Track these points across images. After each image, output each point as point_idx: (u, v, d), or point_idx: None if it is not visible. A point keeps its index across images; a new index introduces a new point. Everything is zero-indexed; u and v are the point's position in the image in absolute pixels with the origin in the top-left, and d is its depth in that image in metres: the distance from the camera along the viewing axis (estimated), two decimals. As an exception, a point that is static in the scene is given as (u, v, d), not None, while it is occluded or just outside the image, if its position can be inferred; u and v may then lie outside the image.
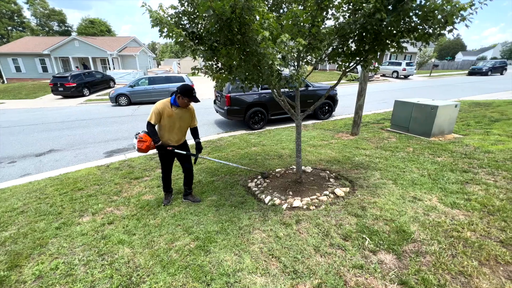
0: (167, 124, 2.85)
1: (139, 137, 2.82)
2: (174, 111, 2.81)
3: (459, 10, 2.09)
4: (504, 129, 5.56)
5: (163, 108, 2.78)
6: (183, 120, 2.92)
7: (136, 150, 2.84)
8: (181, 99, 2.73)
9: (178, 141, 3.02)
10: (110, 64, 23.34)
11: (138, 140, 2.80)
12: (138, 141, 2.79)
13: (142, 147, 2.80)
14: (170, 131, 2.92)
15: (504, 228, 2.35)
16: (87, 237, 2.59)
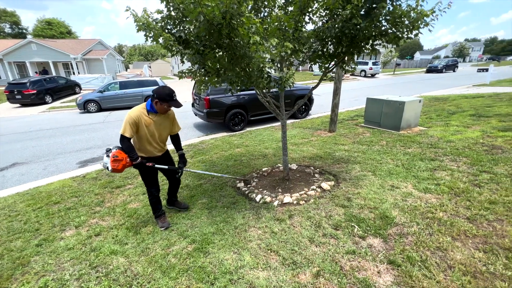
0: (146, 135, 2.45)
1: (113, 155, 2.30)
2: (152, 118, 2.42)
3: (423, 16, 2.36)
4: (460, 121, 6.24)
5: (138, 116, 2.35)
6: (163, 128, 2.55)
7: (110, 171, 2.32)
8: (159, 104, 2.36)
9: (161, 151, 2.69)
10: (74, 68, 21.82)
11: (113, 159, 2.30)
12: (112, 161, 2.29)
13: (118, 167, 2.32)
14: (150, 142, 2.53)
15: (469, 207, 2.67)
16: (74, 251, 2.46)
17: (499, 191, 2.92)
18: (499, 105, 7.70)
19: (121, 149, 2.38)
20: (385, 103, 5.90)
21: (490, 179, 3.22)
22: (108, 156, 2.33)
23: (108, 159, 2.33)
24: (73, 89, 17.39)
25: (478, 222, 2.42)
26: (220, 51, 2.25)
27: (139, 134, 2.43)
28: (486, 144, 4.45)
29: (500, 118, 6.18)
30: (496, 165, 3.59)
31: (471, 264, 1.94)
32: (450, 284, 1.79)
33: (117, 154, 2.34)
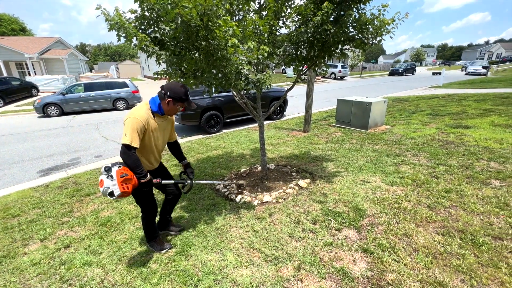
0: (151, 143, 2.02)
1: (120, 174, 1.76)
2: (157, 122, 2.01)
3: (385, 24, 2.59)
4: (419, 119, 6.86)
5: (147, 120, 1.90)
6: (166, 134, 2.18)
7: (116, 196, 1.76)
8: (171, 104, 1.98)
9: (158, 162, 2.27)
10: (30, 69, 19.90)
11: (122, 179, 1.75)
12: (122, 182, 1.75)
13: (128, 189, 1.79)
14: (153, 152, 2.10)
15: (429, 196, 2.97)
16: (41, 266, 2.28)
17: (453, 181, 3.28)
18: (450, 105, 8.60)
19: (125, 166, 1.86)
20: (354, 104, 6.28)
21: (445, 170, 3.61)
22: (111, 177, 1.75)
23: (111, 181, 1.75)
24: (29, 91, 15.85)
25: (437, 209, 2.71)
26: (197, 53, 2.26)
27: (143, 142, 1.97)
28: (441, 140, 4.96)
29: (452, 116, 6.92)
30: (450, 158, 4.02)
31: (432, 246, 2.17)
32: (415, 266, 1.98)
33: (126, 171, 1.80)
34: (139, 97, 12.14)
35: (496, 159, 3.84)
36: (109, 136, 7.32)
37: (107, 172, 1.79)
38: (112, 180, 1.76)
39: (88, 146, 6.40)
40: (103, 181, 1.78)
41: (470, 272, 1.88)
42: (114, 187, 1.75)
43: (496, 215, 2.53)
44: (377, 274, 1.93)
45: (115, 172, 1.77)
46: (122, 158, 1.88)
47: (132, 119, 1.85)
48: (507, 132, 5.14)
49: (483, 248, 2.10)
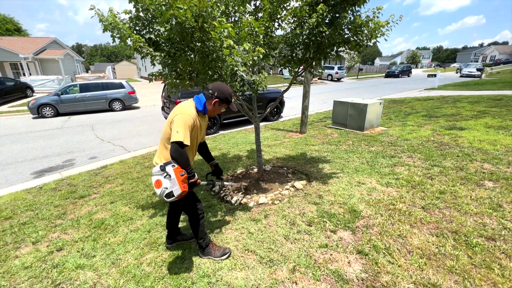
0: (193, 142, 1.98)
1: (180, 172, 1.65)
2: (200, 121, 1.98)
3: (379, 27, 2.61)
4: (415, 121, 6.91)
5: (196, 117, 1.87)
6: (201, 134, 2.10)
7: (177, 196, 1.63)
8: (217, 105, 1.94)
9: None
10: (25, 69, 19.69)
11: (183, 177, 1.66)
12: (182, 181, 1.65)
13: (186, 189, 1.69)
14: (192, 151, 2.06)
15: (424, 197, 2.99)
16: (33, 269, 2.24)
17: (447, 182, 3.31)
18: (445, 107, 8.69)
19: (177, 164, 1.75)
20: (350, 106, 6.31)
21: (440, 172, 3.63)
22: (168, 176, 1.62)
23: (169, 181, 1.62)
24: (23, 91, 15.67)
25: (431, 210, 2.72)
26: (192, 54, 2.25)
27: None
28: (436, 141, 5.00)
29: (446, 118, 6.98)
30: (444, 160, 4.05)
31: (426, 247, 2.18)
32: (409, 267, 1.99)
33: (181, 170, 1.69)
34: (135, 98, 12.07)
35: (489, 161, 3.88)
36: (105, 137, 7.26)
37: (163, 171, 1.66)
38: (170, 179, 1.63)
39: (83, 148, 6.34)
40: (160, 181, 1.64)
41: (463, 273, 1.89)
42: (173, 187, 1.63)
43: (489, 216, 2.56)
44: (371, 276, 1.93)
45: (172, 171, 1.65)
46: (174, 157, 1.74)
47: (184, 115, 1.79)
48: (500, 133, 5.20)
49: (476, 249, 2.12)
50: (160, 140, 2.01)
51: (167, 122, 1.92)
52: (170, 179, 1.64)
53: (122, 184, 4.01)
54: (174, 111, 1.88)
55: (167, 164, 1.69)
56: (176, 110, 1.87)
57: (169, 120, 1.88)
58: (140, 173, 4.44)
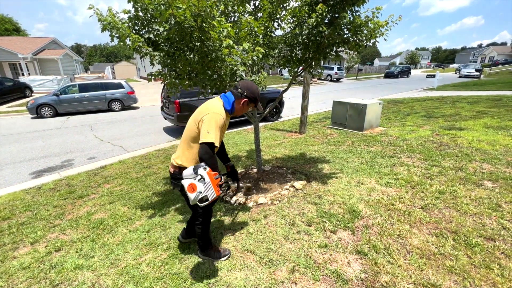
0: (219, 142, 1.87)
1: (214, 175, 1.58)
2: (226, 121, 1.88)
3: (378, 27, 2.61)
4: (414, 121, 6.92)
5: (224, 117, 1.79)
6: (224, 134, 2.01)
7: (211, 200, 1.55)
8: (245, 105, 1.88)
9: None
10: (24, 69, 19.64)
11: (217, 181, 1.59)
12: (217, 184, 1.58)
13: (219, 193, 1.61)
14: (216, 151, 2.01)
15: (423, 197, 2.99)
16: (31, 270, 2.23)
17: (447, 182, 3.31)
18: (444, 107, 8.71)
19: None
20: (350, 106, 6.31)
21: (439, 172, 3.64)
22: (202, 179, 1.53)
23: (204, 185, 1.52)
24: (22, 92, 15.64)
25: (431, 210, 2.72)
26: (191, 53, 2.25)
27: None
28: (435, 142, 5.00)
29: (446, 118, 6.99)
30: (443, 160, 4.05)
31: (425, 247, 2.18)
32: (409, 267, 1.98)
33: (215, 173, 1.61)
34: (134, 98, 12.06)
35: (488, 161, 3.88)
36: (104, 137, 7.25)
37: (196, 174, 1.55)
38: (205, 183, 1.53)
39: (82, 148, 6.32)
40: (195, 185, 1.51)
41: (463, 273, 1.89)
42: (208, 191, 1.53)
43: (488, 216, 2.56)
44: (371, 276, 1.93)
45: (206, 174, 1.54)
46: (204, 158, 1.63)
47: (216, 115, 1.69)
48: (499, 134, 5.21)
49: (475, 249, 2.12)
50: (183, 139, 1.89)
51: (192, 120, 1.82)
52: (204, 182, 1.53)
53: (121, 184, 4.00)
54: (202, 110, 1.78)
55: (199, 167, 1.58)
56: (205, 109, 1.77)
57: (196, 118, 1.78)
58: (139, 173, 4.43)
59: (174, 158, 1.92)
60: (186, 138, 1.86)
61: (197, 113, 1.82)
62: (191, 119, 1.86)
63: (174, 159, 1.92)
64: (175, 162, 1.90)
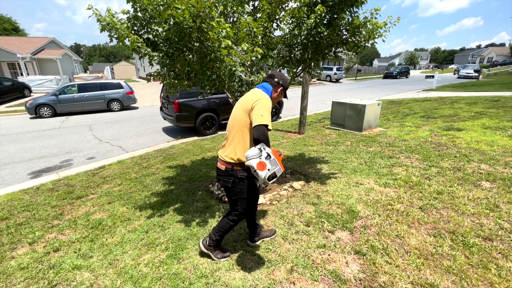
0: None
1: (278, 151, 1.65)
2: None
3: (377, 28, 2.62)
4: (413, 122, 6.94)
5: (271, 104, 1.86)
6: None
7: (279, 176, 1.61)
8: (280, 94, 1.99)
9: None
10: (23, 69, 19.60)
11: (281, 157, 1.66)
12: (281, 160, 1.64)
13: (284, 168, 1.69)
14: None
15: (421, 198, 3.00)
16: (29, 270, 2.22)
17: (445, 183, 3.32)
18: (443, 108, 8.73)
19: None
20: (349, 106, 6.33)
21: (437, 172, 3.65)
22: (269, 156, 1.57)
23: (270, 162, 1.56)
24: (21, 91, 15.59)
25: (429, 211, 2.73)
26: (190, 54, 2.25)
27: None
28: (434, 142, 5.02)
29: (444, 119, 7.02)
30: (442, 160, 4.07)
31: (423, 248, 2.18)
32: (407, 267, 1.99)
33: (277, 150, 1.69)
34: (133, 98, 12.04)
35: (486, 161, 3.90)
36: (103, 137, 7.24)
37: (261, 152, 1.58)
38: (271, 160, 1.57)
39: (81, 148, 6.31)
40: (264, 163, 1.54)
41: (460, 273, 1.90)
42: (276, 167, 1.58)
43: (486, 217, 2.57)
44: (369, 276, 1.93)
45: (270, 151, 1.59)
46: (262, 139, 1.62)
47: (265, 100, 1.76)
48: (497, 134, 5.23)
49: (473, 249, 2.13)
50: (234, 133, 1.87)
51: (240, 111, 1.84)
52: (270, 159, 1.57)
53: (120, 185, 4.00)
54: (250, 99, 1.82)
55: (261, 146, 1.61)
56: (252, 97, 1.81)
57: (245, 107, 1.81)
58: (138, 173, 4.43)
59: (225, 154, 1.89)
60: (238, 130, 1.86)
61: (244, 103, 1.84)
62: (238, 111, 1.87)
63: (226, 156, 1.89)
64: (228, 158, 1.87)
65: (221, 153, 1.95)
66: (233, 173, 1.86)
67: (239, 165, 1.85)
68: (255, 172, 1.54)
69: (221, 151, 1.96)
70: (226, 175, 1.90)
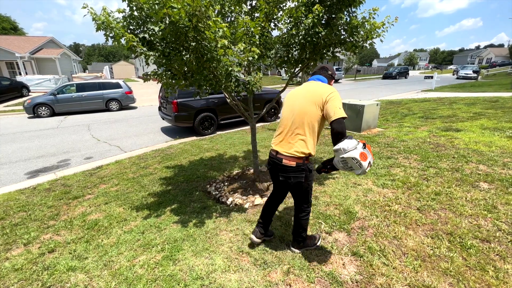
0: None
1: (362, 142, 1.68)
2: None
3: (375, 28, 2.60)
4: (411, 122, 6.93)
5: None
6: None
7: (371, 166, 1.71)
8: (331, 85, 1.97)
9: None
10: (21, 68, 19.53)
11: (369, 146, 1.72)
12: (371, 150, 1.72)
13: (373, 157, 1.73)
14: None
15: (419, 199, 2.99)
16: (22, 272, 2.20)
17: (443, 184, 3.31)
18: (442, 108, 8.73)
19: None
20: (348, 107, 6.31)
21: (435, 173, 3.64)
22: (364, 146, 1.64)
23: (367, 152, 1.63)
24: (19, 91, 15.55)
25: (426, 212, 2.72)
26: (187, 53, 2.23)
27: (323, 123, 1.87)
28: (432, 143, 5.01)
29: (443, 119, 7.01)
30: (440, 161, 4.06)
31: (421, 249, 2.17)
32: (404, 269, 1.98)
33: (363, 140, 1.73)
34: (132, 98, 12.01)
35: (484, 162, 3.89)
36: (101, 137, 7.21)
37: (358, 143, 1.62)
38: (366, 150, 1.62)
39: (78, 148, 6.28)
40: (365, 153, 1.59)
41: (458, 275, 1.89)
42: (371, 156, 1.64)
43: (484, 218, 2.56)
44: (366, 278, 1.92)
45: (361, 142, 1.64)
46: (344, 132, 1.65)
47: (336, 92, 1.77)
48: (495, 135, 5.22)
49: (471, 251, 2.11)
50: (305, 125, 1.82)
51: (308, 103, 1.80)
52: (366, 149, 1.61)
53: (117, 185, 3.97)
54: (320, 92, 1.79)
55: (351, 138, 1.64)
56: (322, 90, 1.79)
57: (314, 100, 1.78)
58: (135, 173, 4.40)
59: (295, 150, 1.85)
60: (308, 124, 1.82)
61: (312, 96, 1.81)
62: (306, 105, 1.82)
63: (296, 151, 1.85)
64: (298, 153, 1.84)
65: (286, 150, 1.88)
66: (305, 167, 1.86)
67: (308, 158, 1.87)
68: (358, 163, 1.56)
69: (285, 148, 1.89)
70: (297, 171, 1.86)
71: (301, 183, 1.90)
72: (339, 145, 1.62)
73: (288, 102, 1.98)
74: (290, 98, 1.98)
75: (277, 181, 2.05)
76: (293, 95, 1.98)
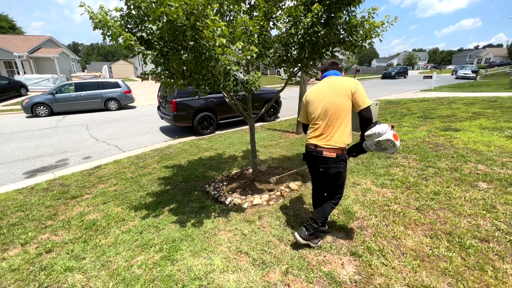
0: None
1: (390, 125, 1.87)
2: None
3: (374, 27, 2.59)
4: (410, 122, 6.94)
5: None
6: None
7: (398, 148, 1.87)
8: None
9: None
10: (20, 67, 19.45)
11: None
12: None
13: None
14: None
15: (418, 198, 2.98)
16: (19, 272, 2.19)
17: (442, 183, 3.31)
18: (441, 108, 8.74)
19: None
20: (346, 106, 6.31)
21: (434, 173, 3.64)
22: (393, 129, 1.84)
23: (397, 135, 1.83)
24: (17, 90, 15.48)
25: (425, 211, 2.71)
26: (185, 52, 2.22)
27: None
28: (431, 142, 5.01)
29: (442, 119, 7.01)
30: (439, 161, 4.06)
31: (420, 249, 2.17)
32: (403, 269, 1.97)
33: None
34: (131, 98, 11.98)
35: (483, 162, 3.89)
36: (99, 136, 7.18)
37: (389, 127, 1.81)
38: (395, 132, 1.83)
39: (77, 147, 6.26)
40: (396, 135, 1.81)
41: (456, 275, 1.88)
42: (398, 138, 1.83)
43: (483, 218, 2.55)
44: (365, 278, 1.91)
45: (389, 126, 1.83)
46: (371, 119, 1.90)
47: (360, 84, 1.93)
48: (494, 135, 5.23)
49: (469, 250, 2.11)
50: (341, 117, 1.96)
51: (338, 96, 1.93)
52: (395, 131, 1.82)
53: (116, 185, 3.96)
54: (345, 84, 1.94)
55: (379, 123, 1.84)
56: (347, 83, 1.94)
57: (344, 92, 1.92)
58: (134, 173, 4.39)
59: (335, 141, 1.96)
60: (344, 116, 1.96)
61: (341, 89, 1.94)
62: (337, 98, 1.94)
63: (336, 143, 1.96)
64: (339, 144, 1.96)
65: (326, 143, 1.99)
66: (343, 157, 1.99)
67: (345, 149, 2.01)
68: (392, 143, 1.78)
69: (324, 140, 2.00)
70: (337, 161, 1.98)
71: (340, 172, 2.02)
72: (373, 129, 1.81)
73: (316, 98, 2.05)
74: (316, 95, 2.06)
75: (316, 173, 2.14)
76: (318, 91, 2.06)
